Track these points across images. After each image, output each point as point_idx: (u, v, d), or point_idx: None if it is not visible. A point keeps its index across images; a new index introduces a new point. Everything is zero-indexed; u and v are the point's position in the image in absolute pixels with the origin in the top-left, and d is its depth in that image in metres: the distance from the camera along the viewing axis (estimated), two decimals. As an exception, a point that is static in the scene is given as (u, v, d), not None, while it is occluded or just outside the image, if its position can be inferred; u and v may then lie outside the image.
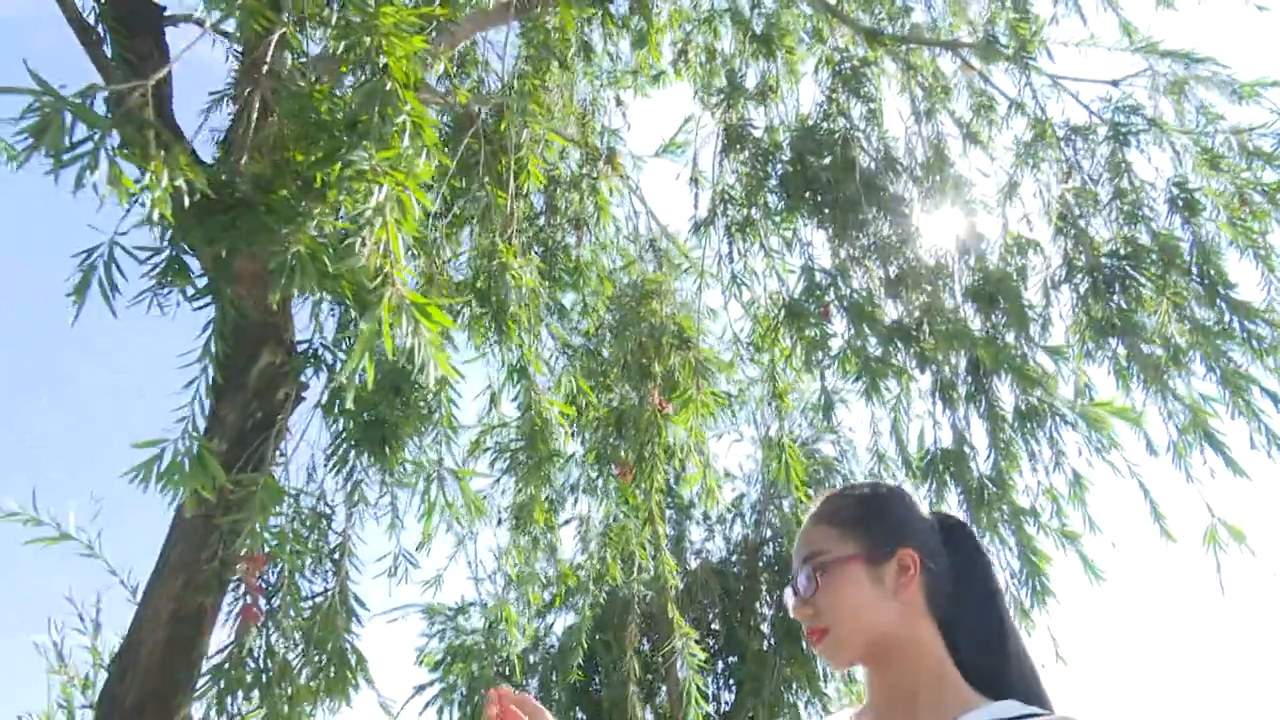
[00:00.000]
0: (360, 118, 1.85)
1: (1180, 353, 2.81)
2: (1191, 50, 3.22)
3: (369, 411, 2.34)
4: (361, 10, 1.86)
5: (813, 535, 1.25)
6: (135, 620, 2.58)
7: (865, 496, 1.31)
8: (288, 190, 2.04)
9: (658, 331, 4.04)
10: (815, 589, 1.20)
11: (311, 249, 1.96)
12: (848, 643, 1.19)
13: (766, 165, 3.24)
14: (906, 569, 1.19)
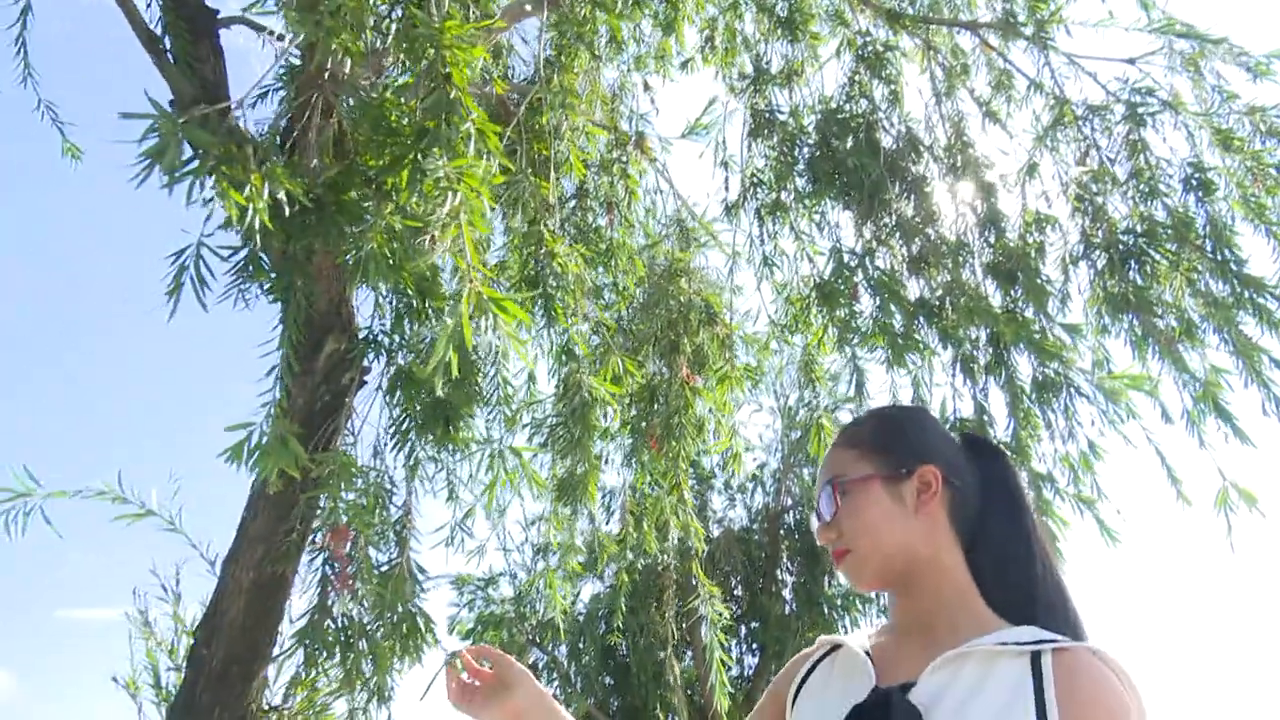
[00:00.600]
0: (429, 124, 2.00)
1: (1193, 326, 2.94)
2: (1207, 31, 3.32)
3: (430, 394, 2.51)
4: (426, 24, 2.01)
5: (833, 459, 1.26)
6: (217, 589, 2.79)
7: (883, 418, 1.32)
8: (356, 191, 2.20)
9: (686, 308, 4.21)
10: (835, 510, 1.21)
11: (382, 246, 2.13)
12: (868, 562, 1.19)
13: (793, 150, 3.37)
14: (928, 485, 1.19)
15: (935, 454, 1.21)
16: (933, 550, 1.17)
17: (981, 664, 1.06)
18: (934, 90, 3.84)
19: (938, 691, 1.06)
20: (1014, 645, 1.06)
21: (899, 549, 1.17)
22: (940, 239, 3.55)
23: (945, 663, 1.07)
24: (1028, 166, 3.42)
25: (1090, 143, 3.43)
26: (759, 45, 3.80)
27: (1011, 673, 1.04)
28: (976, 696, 1.04)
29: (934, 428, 1.27)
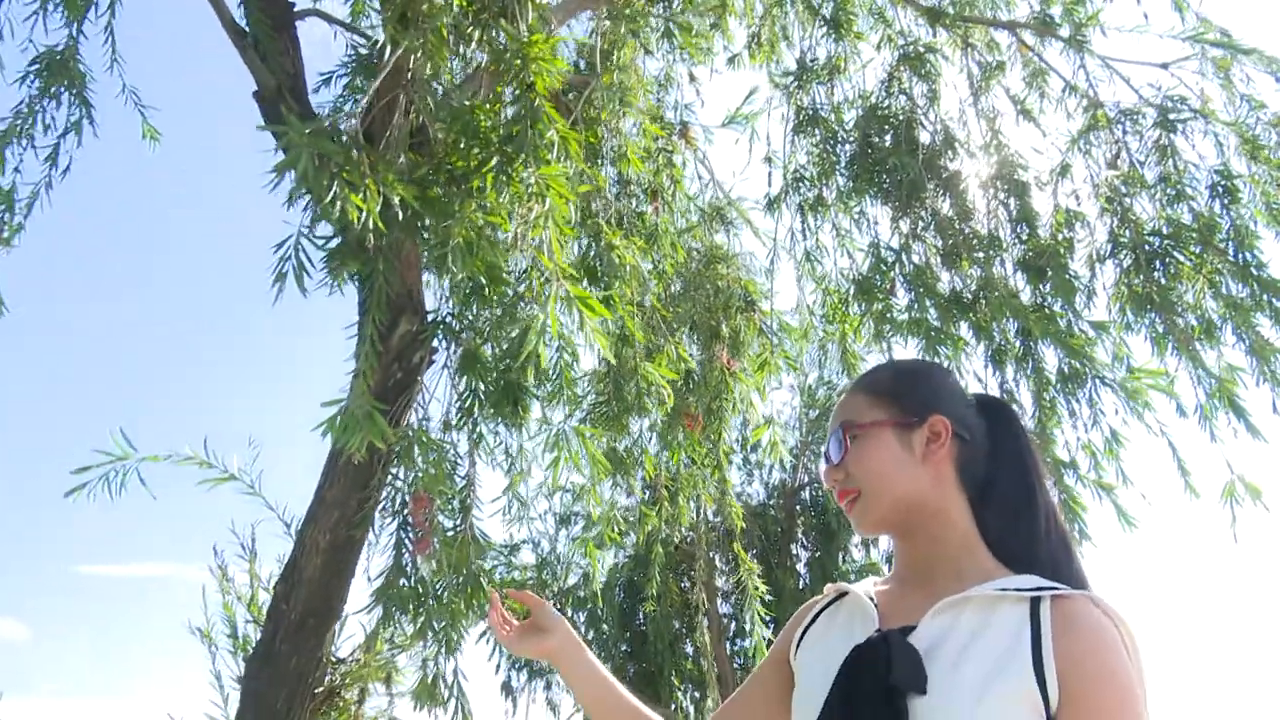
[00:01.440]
0: (514, 130, 2.18)
1: (1212, 326, 3.10)
2: (1239, 41, 3.44)
3: (501, 374, 2.71)
4: (514, 37, 2.18)
5: (846, 404, 1.29)
6: (295, 550, 3.02)
7: (898, 369, 1.37)
8: (441, 188, 2.38)
9: (725, 294, 4.39)
10: (845, 453, 1.24)
11: (467, 239, 2.32)
12: (875, 505, 1.21)
13: (835, 148, 3.53)
14: (937, 435, 1.21)
15: (946, 406, 1.23)
16: (937, 498, 1.20)
17: (982, 609, 1.09)
18: (971, 87, 3.98)
19: (939, 635, 1.08)
20: (1014, 591, 1.09)
21: (904, 494, 1.19)
22: (974, 234, 3.70)
23: (946, 607, 1.10)
24: (1060, 167, 3.57)
25: (1121, 145, 3.58)
26: (803, 42, 3.94)
27: (1011, 618, 1.07)
28: (976, 641, 1.06)
29: (947, 383, 1.30)
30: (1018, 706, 1.01)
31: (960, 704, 1.02)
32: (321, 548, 2.90)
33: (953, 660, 1.05)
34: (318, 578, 2.91)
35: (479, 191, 2.28)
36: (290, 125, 1.84)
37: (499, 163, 2.19)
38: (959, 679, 1.03)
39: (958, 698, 1.02)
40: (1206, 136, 3.26)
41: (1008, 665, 1.03)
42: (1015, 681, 1.02)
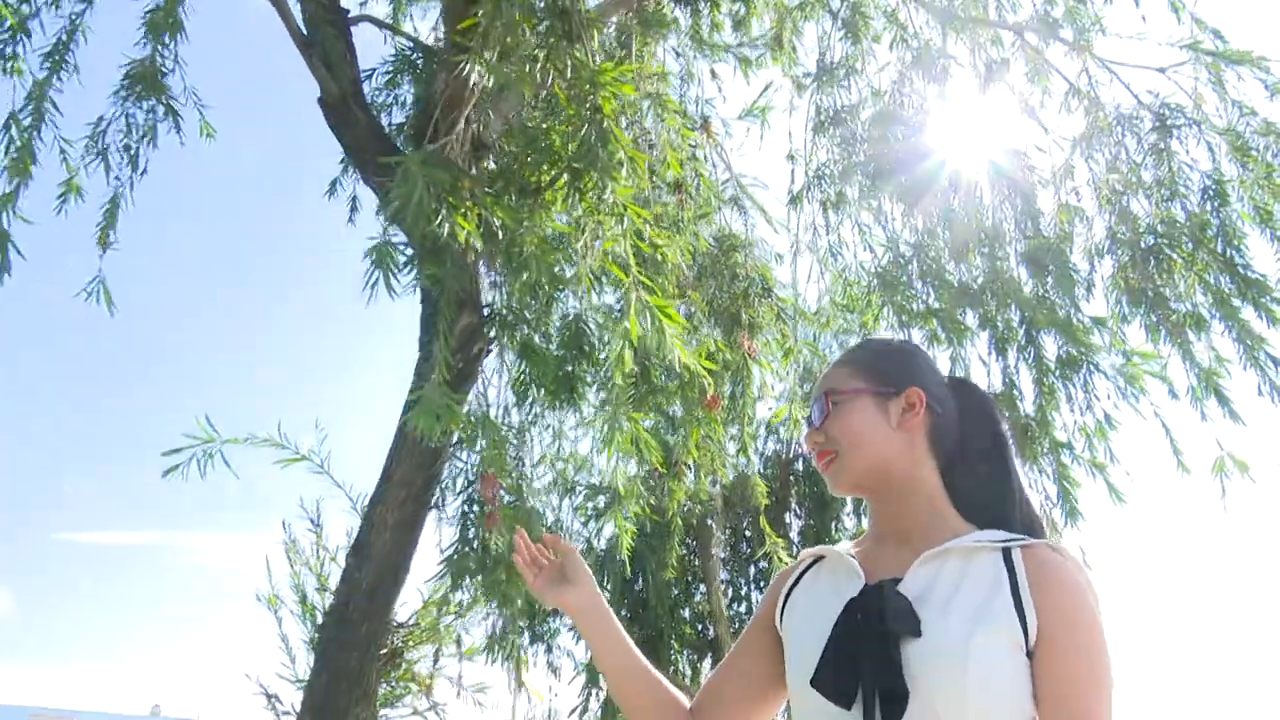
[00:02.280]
0: (581, 148, 2.41)
1: (1201, 319, 3.39)
2: (1231, 50, 3.69)
3: (558, 365, 2.96)
4: (586, 65, 2.40)
5: (830, 375, 1.40)
6: (364, 523, 3.28)
7: (879, 345, 1.50)
8: (510, 196, 2.61)
9: (744, 282, 4.64)
10: (826, 418, 1.34)
11: (538, 246, 2.56)
12: (850, 466, 1.32)
13: (854, 147, 3.77)
14: (912, 406, 1.32)
15: (921, 381, 1.34)
16: (909, 463, 1.30)
17: (960, 560, 1.21)
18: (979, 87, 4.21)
19: (925, 585, 1.19)
20: (989, 543, 1.21)
21: (878, 457, 1.30)
22: (981, 229, 3.96)
23: (928, 559, 1.21)
24: (1064, 169, 3.82)
25: (1121, 146, 3.84)
26: (821, 43, 4.16)
27: (988, 566, 1.19)
28: (960, 588, 1.18)
29: (923, 361, 1.41)
30: (1002, 643, 1.13)
31: (952, 644, 1.12)
32: (389, 524, 3.17)
33: (940, 606, 1.16)
34: (386, 551, 3.18)
35: (548, 203, 2.51)
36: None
37: (569, 179, 2.43)
38: (948, 622, 1.14)
39: (949, 639, 1.13)
40: (1200, 144, 3.52)
41: (991, 607, 1.14)
42: (1000, 621, 1.13)
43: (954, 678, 1.11)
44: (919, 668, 1.13)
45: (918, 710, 1.12)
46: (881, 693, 1.13)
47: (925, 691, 1.12)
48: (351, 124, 3.12)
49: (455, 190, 2.17)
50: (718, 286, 4.59)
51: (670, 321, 2.08)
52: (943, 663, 1.12)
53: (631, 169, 2.34)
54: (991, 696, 1.11)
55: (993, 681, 1.11)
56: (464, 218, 2.13)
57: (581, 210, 2.38)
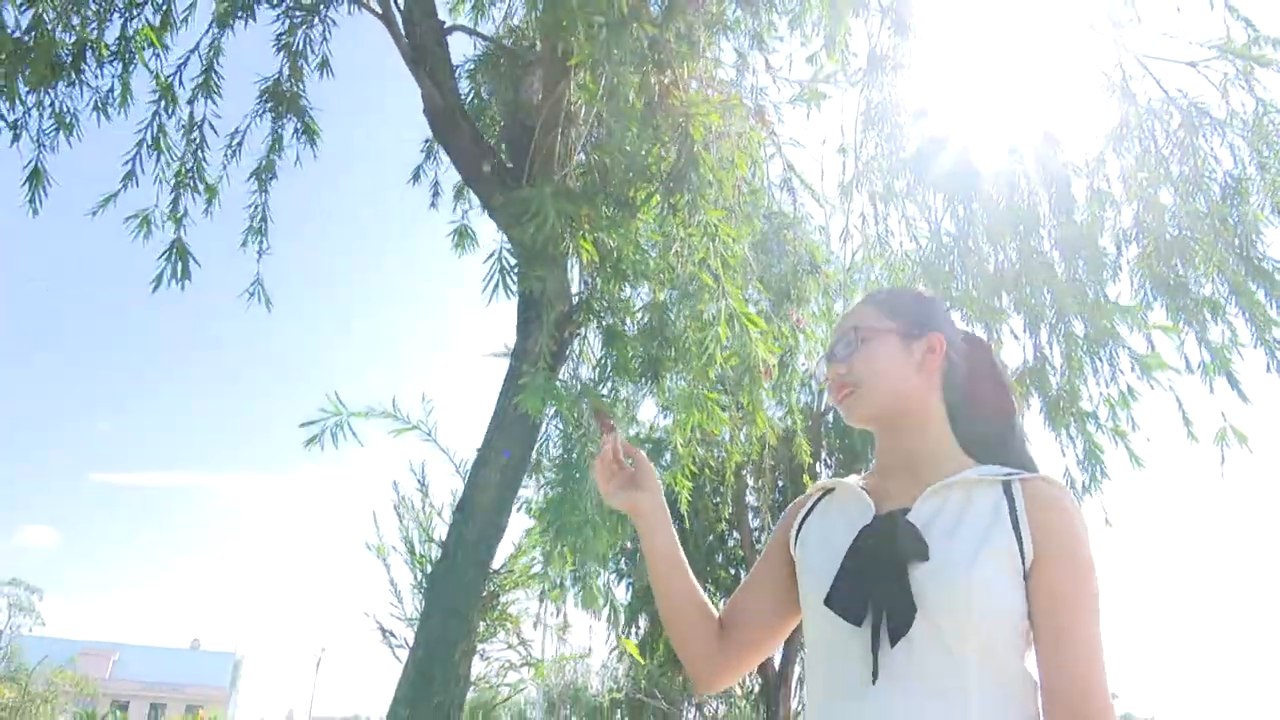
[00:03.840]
0: (674, 170, 2.79)
1: (1218, 305, 3.74)
2: (1258, 54, 3.96)
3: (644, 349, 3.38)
4: (680, 99, 2.77)
5: (858, 312, 1.48)
6: (468, 485, 3.76)
7: (907, 291, 1.59)
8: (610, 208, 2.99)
9: (792, 257, 5.02)
10: (853, 351, 1.42)
11: (634, 253, 2.96)
12: (869, 398, 1.40)
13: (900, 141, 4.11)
14: (933, 349, 1.41)
15: (944, 328, 1.45)
16: (922, 400, 1.40)
17: (964, 491, 1.30)
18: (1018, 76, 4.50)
19: (931, 513, 1.28)
20: (990, 476, 1.31)
21: (896, 393, 1.39)
22: (1017, 215, 4.30)
23: (934, 491, 1.30)
24: (1097, 160, 4.14)
25: (1150, 140, 4.14)
26: (871, 39, 4.45)
27: (989, 497, 1.28)
28: (963, 516, 1.27)
29: (945, 310, 1.52)
30: (1001, 565, 1.22)
31: (957, 566, 1.21)
32: (493, 484, 3.64)
33: (946, 533, 1.25)
34: (488, 507, 3.66)
35: (643, 216, 2.91)
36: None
37: (663, 196, 2.82)
38: (953, 547, 1.23)
39: (954, 562, 1.22)
40: (1224, 146, 3.82)
41: (991, 533, 1.24)
42: (999, 545, 1.23)
43: (958, 598, 1.20)
44: (926, 589, 1.21)
45: (923, 628, 1.21)
46: (889, 611, 1.22)
47: (931, 611, 1.20)
48: (455, 132, 3.51)
49: (577, 218, 2.57)
50: (769, 262, 4.97)
51: (753, 326, 2.49)
52: (947, 584, 1.21)
53: (719, 190, 2.73)
54: (992, 615, 1.20)
55: (993, 601, 1.20)
56: (584, 239, 2.54)
57: (674, 224, 2.77)
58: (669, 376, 3.45)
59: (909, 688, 1.20)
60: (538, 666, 3.97)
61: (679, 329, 3.27)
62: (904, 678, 1.20)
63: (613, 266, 2.90)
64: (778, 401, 4.80)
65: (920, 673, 1.20)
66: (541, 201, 2.43)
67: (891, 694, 1.20)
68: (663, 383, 3.39)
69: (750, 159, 4.51)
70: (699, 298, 2.56)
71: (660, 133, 2.77)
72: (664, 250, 2.91)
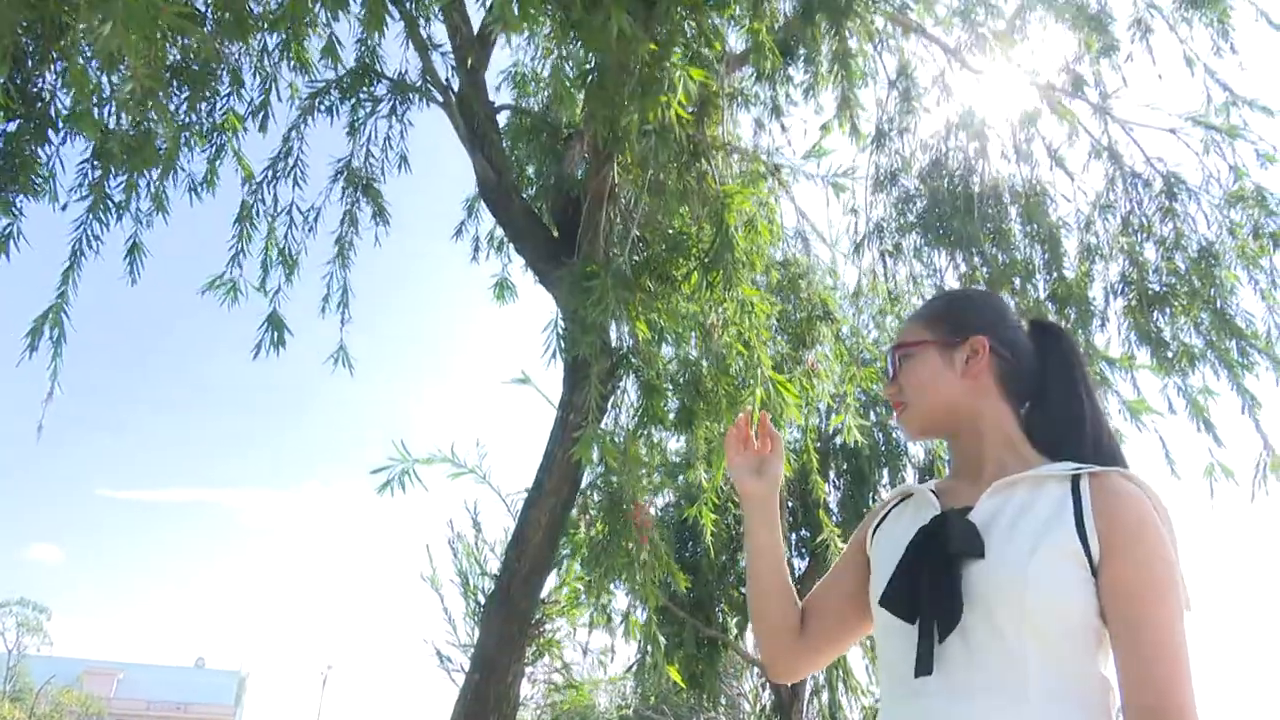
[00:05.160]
0: (711, 251, 3.19)
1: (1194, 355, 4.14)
2: (1228, 125, 4.38)
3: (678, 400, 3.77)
4: (714, 185, 3.18)
5: (903, 330, 1.52)
6: (520, 523, 4.15)
7: (948, 297, 1.58)
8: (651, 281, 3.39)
9: (806, 305, 5.43)
10: (897, 371, 1.46)
11: (671, 322, 3.37)
12: (917, 413, 1.43)
13: (909, 205, 4.52)
14: (975, 353, 1.40)
15: (986, 328, 1.42)
16: (975, 404, 1.39)
17: (1029, 488, 1.28)
18: (1015, 145, 4.92)
19: (993, 511, 1.27)
20: (1057, 472, 1.28)
21: (944, 402, 1.41)
22: (1013, 268, 4.71)
23: (998, 489, 1.29)
24: (1086, 222, 4.55)
25: (1135, 203, 4.55)
26: (879, 108, 4.87)
27: (1054, 493, 1.25)
28: (1025, 513, 1.24)
29: (991, 308, 1.49)
30: (1064, 561, 1.19)
31: (1015, 562, 1.20)
32: (542, 524, 4.03)
33: (1006, 531, 1.24)
34: (539, 544, 4.04)
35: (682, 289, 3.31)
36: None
37: (702, 273, 3.23)
38: (1011, 544, 1.22)
39: (1012, 558, 1.20)
40: (1199, 212, 4.24)
41: (1053, 528, 1.21)
42: (1060, 540, 1.20)
43: (1014, 595, 1.18)
44: (983, 586, 1.21)
45: (980, 625, 1.20)
46: (938, 608, 1.23)
47: (988, 608, 1.20)
48: (508, 207, 3.92)
49: (633, 302, 2.97)
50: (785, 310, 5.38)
51: (790, 393, 2.88)
52: (1004, 582, 1.19)
53: (751, 270, 3.13)
54: (1050, 612, 1.18)
55: (1051, 598, 1.18)
56: (639, 320, 2.94)
57: (710, 299, 3.18)
58: (702, 425, 3.84)
59: (966, 682, 1.20)
60: (580, 688, 4.35)
61: (709, 385, 3.66)
62: (961, 673, 1.21)
63: (655, 332, 3.30)
64: (790, 447, 5.19)
65: (978, 668, 1.20)
66: (604, 290, 2.83)
67: (950, 689, 1.21)
68: (696, 431, 3.78)
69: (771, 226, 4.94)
70: (732, 362, 2.96)
71: (699, 217, 3.18)
72: (699, 323, 3.31)
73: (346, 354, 3.76)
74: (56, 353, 3.15)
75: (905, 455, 11.74)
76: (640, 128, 2.84)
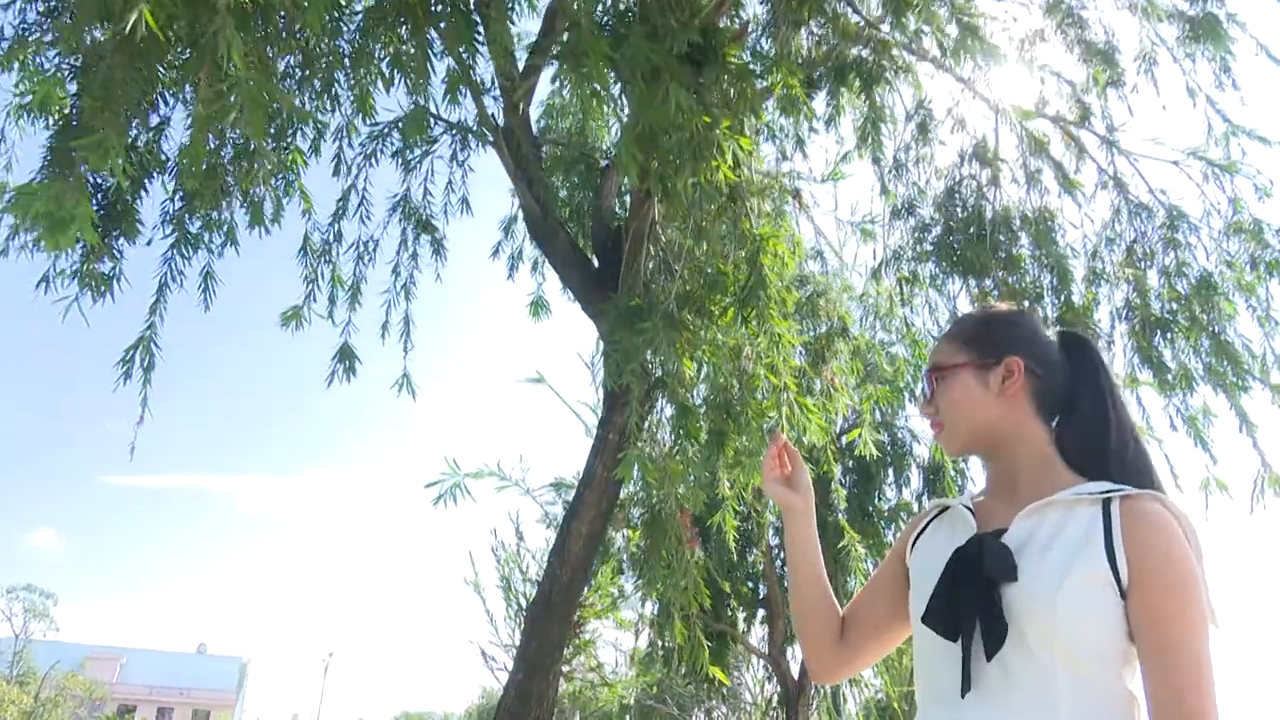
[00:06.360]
0: (746, 288, 3.46)
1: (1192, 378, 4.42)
2: (1226, 162, 4.65)
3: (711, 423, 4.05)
4: (750, 228, 3.45)
5: (938, 349, 1.52)
6: (561, 533, 4.44)
7: (982, 317, 1.56)
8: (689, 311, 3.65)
9: (825, 321, 5.71)
10: (933, 392, 1.48)
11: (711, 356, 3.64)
12: (954, 433, 1.46)
13: (925, 235, 4.79)
14: (1011, 373, 1.41)
15: (1021, 348, 1.43)
16: (1012, 424, 1.41)
17: (1062, 511, 1.30)
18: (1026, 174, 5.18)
19: (1026, 534, 1.30)
20: (1088, 495, 1.29)
21: (980, 423, 1.42)
22: (1022, 292, 4.98)
23: (1031, 511, 1.32)
24: (1093, 249, 4.82)
25: (1139, 231, 4.82)
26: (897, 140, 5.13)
27: (1085, 516, 1.27)
28: (1057, 536, 1.27)
29: (1024, 326, 1.50)
30: (1094, 586, 1.22)
31: (1046, 586, 1.23)
32: (582, 534, 4.31)
33: (1038, 554, 1.26)
34: (579, 553, 4.33)
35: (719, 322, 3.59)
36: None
37: (737, 308, 3.50)
38: (1043, 568, 1.25)
39: (1044, 582, 1.23)
40: (1199, 245, 4.51)
41: (1083, 552, 1.24)
42: (1090, 565, 1.23)
43: (1045, 617, 1.22)
44: (1016, 608, 1.24)
45: (1013, 644, 1.24)
46: (983, 629, 1.26)
47: (1021, 628, 1.24)
48: (554, 240, 4.18)
49: (680, 342, 3.24)
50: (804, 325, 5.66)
51: (813, 413, 3.16)
52: (1036, 604, 1.23)
53: (780, 308, 3.41)
54: (1080, 634, 1.22)
55: (1083, 621, 1.21)
56: (686, 358, 3.22)
57: (744, 333, 3.46)
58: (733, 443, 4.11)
59: (1001, 701, 1.24)
60: (613, 686, 4.64)
61: (738, 408, 3.94)
62: (996, 692, 1.25)
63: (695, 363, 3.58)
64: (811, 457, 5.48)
65: (1012, 687, 1.24)
66: (655, 331, 3.11)
67: (984, 706, 1.25)
68: (727, 448, 4.05)
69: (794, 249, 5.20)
70: (759, 385, 3.25)
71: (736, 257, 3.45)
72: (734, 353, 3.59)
73: (410, 381, 4.04)
74: (146, 379, 3.42)
75: (910, 455, 12.02)
76: (689, 181, 3.10)
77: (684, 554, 3.83)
